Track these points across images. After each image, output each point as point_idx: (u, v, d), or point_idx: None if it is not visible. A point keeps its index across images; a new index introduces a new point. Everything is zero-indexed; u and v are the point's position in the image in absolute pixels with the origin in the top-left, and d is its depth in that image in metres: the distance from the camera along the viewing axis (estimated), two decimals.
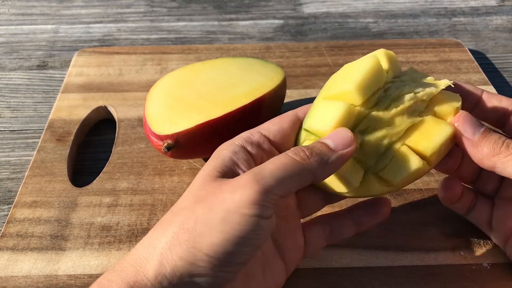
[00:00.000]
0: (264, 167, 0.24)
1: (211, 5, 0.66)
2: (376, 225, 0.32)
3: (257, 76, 0.40)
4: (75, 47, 0.58)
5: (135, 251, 0.24)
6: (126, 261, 0.24)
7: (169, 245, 0.23)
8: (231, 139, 0.28)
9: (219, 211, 0.23)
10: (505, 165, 0.27)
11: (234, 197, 0.23)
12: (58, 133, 0.43)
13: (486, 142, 0.27)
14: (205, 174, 0.26)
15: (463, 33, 0.60)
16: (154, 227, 0.25)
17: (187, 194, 0.26)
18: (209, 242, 0.23)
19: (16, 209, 0.37)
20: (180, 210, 0.25)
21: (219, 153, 0.27)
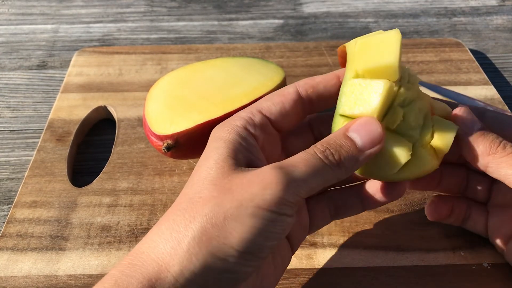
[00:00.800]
0: (294, 167, 0.23)
1: (211, 5, 0.66)
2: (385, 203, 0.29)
3: (257, 76, 0.40)
4: (75, 47, 0.57)
5: (154, 243, 0.23)
6: (144, 255, 0.23)
7: (198, 240, 0.22)
8: (228, 119, 0.26)
9: (249, 206, 0.22)
10: (499, 166, 0.26)
11: (265, 195, 0.23)
12: (58, 133, 0.43)
13: (483, 140, 0.26)
14: (221, 161, 0.24)
15: (463, 33, 0.60)
16: (171, 216, 0.23)
17: (205, 182, 0.24)
18: (241, 238, 0.22)
19: (16, 209, 0.37)
20: (201, 199, 0.23)
21: (224, 136, 0.25)
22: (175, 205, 0.24)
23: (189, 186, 0.24)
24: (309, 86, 0.28)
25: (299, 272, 0.32)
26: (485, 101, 0.46)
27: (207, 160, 0.25)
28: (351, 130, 0.25)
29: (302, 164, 0.24)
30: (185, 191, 0.24)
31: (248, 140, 0.25)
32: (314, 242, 0.34)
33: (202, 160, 0.25)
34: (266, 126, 0.27)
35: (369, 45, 0.27)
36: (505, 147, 0.26)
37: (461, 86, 0.48)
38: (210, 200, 0.23)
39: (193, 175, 0.25)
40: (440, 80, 0.49)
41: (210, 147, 0.25)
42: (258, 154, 0.26)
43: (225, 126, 0.26)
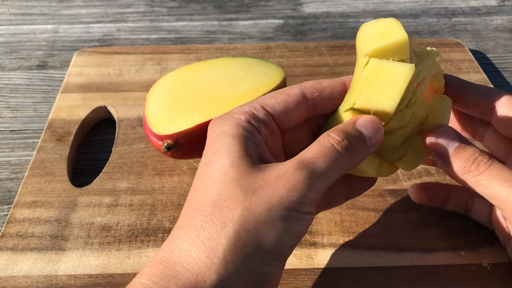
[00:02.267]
0: (315, 163, 0.24)
1: (211, 5, 0.66)
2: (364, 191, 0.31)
3: (257, 76, 0.40)
4: (75, 47, 0.57)
5: (186, 252, 0.22)
6: (178, 265, 0.22)
7: (233, 247, 0.22)
8: (229, 113, 0.26)
9: (279, 209, 0.22)
10: (475, 185, 0.26)
11: (292, 196, 0.23)
12: (58, 133, 0.43)
13: (457, 160, 0.26)
14: (237, 159, 0.24)
15: (463, 33, 0.60)
16: (197, 222, 0.23)
17: (225, 183, 0.23)
18: (274, 242, 0.22)
19: (16, 209, 0.37)
20: (227, 203, 0.23)
21: (230, 131, 0.25)
22: (196, 209, 0.23)
23: (205, 187, 0.24)
24: (316, 90, 0.28)
25: (299, 272, 0.32)
26: None
27: (220, 158, 0.24)
28: (359, 124, 0.25)
29: (321, 160, 0.24)
30: (201, 193, 0.24)
31: (255, 134, 0.25)
32: (314, 242, 0.34)
33: (211, 156, 0.24)
34: (269, 122, 0.26)
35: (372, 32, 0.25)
36: (478, 165, 0.26)
37: None
38: (237, 204, 0.22)
39: (204, 173, 0.24)
40: None
41: (219, 143, 0.25)
42: (265, 148, 0.25)
43: (227, 120, 0.25)
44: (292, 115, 0.27)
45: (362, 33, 0.26)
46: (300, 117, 0.28)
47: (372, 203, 0.37)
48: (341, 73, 0.50)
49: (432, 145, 0.27)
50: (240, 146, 0.24)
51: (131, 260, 0.33)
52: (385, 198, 0.37)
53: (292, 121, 0.27)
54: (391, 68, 0.25)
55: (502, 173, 0.26)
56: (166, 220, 0.36)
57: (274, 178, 0.23)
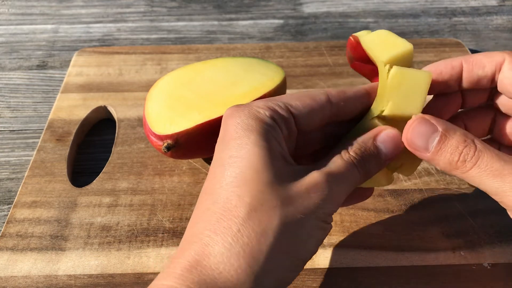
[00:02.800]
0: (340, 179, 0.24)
1: (211, 5, 0.66)
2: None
3: (257, 76, 0.40)
4: (75, 47, 0.57)
5: (225, 258, 0.21)
6: (216, 272, 0.21)
7: (273, 257, 0.22)
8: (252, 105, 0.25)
9: (314, 219, 0.23)
10: (466, 179, 0.24)
11: (325, 208, 0.24)
12: (58, 133, 0.43)
13: (441, 156, 0.24)
14: (269, 161, 0.23)
15: (463, 33, 0.60)
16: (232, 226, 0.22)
17: (259, 186, 0.22)
18: (309, 250, 0.24)
19: (16, 209, 0.37)
20: (264, 208, 0.22)
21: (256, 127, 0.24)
22: (229, 209, 0.22)
23: (235, 184, 0.23)
24: (341, 99, 0.27)
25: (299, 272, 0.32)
26: None
27: (249, 155, 0.23)
28: (379, 140, 0.26)
29: (345, 175, 0.25)
30: (232, 191, 0.22)
31: (278, 133, 0.24)
32: None
33: (236, 150, 0.23)
34: (290, 123, 0.26)
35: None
36: (465, 161, 0.24)
37: None
38: (275, 211, 0.22)
39: (230, 167, 0.23)
40: None
41: (245, 138, 0.24)
42: (286, 148, 0.25)
43: (251, 113, 0.24)
44: (314, 120, 0.26)
45: (369, 43, 0.27)
46: (320, 123, 0.27)
47: (372, 203, 0.37)
48: (341, 73, 0.50)
49: (411, 144, 0.25)
50: (268, 144, 0.23)
51: (131, 260, 0.33)
52: (385, 198, 0.37)
53: (313, 125, 0.27)
54: (413, 75, 0.26)
55: (492, 165, 0.23)
56: (166, 220, 0.36)
57: (308, 187, 0.23)
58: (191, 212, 0.37)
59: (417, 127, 0.25)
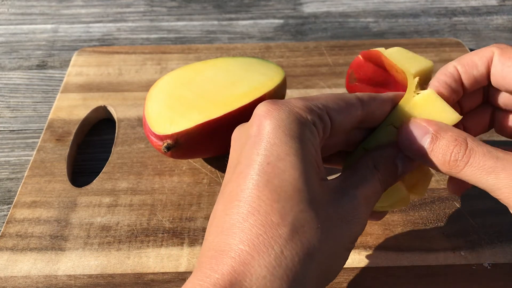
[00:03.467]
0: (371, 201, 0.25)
1: (211, 5, 0.66)
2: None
3: (257, 76, 0.40)
4: (75, 46, 0.57)
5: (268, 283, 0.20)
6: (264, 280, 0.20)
7: (316, 281, 0.21)
8: (292, 105, 0.23)
9: (348, 242, 0.24)
10: (464, 179, 0.24)
11: (357, 232, 0.24)
12: (57, 133, 0.43)
13: (434, 157, 0.24)
14: (309, 175, 0.22)
15: (463, 33, 0.60)
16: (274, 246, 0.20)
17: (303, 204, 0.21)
18: (336, 272, 0.24)
19: (15, 209, 0.37)
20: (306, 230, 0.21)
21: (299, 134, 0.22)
22: (269, 225, 0.20)
23: (275, 199, 0.21)
24: (373, 105, 0.26)
25: None
26: None
27: (292, 167, 0.21)
28: (398, 158, 0.26)
29: (376, 194, 0.25)
30: (272, 205, 0.21)
31: (316, 139, 0.23)
32: None
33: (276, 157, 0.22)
34: (327, 127, 0.24)
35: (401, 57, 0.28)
36: (456, 161, 0.24)
37: None
38: (316, 234, 0.21)
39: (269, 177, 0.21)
40: None
41: (286, 145, 0.22)
42: (320, 155, 0.24)
43: (291, 114, 0.23)
44: (346, 125, 0.25)
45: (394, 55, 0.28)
46: (350, 128, 0.26)
47: None
48: (341, 73, 0.50)
49: (406, 149, 0.25)
50: (308, 156, 0.22)
51: (131, 260, 0.33)
52: None
53: (343, 130, 0.26)
54: (443, 109, 0.26)
55: (484, 163, 0.23)
56: (166, 220, 0.36)
57: (348, 210, 0.23)
58: (191, 212, 0.36)
59: (409, 131, 0.25)
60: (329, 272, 0.23)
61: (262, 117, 0.23)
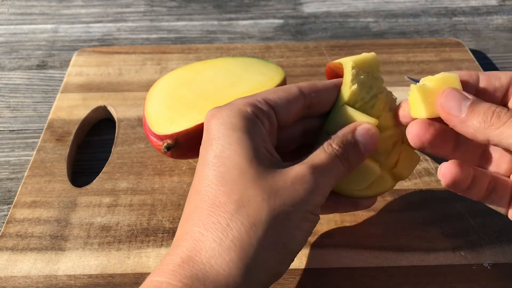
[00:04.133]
0: (325, 170, 0.25)
1: (211, 5, 0.66)
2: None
3: (257, 76, 0.40)
4: (75, 46, 0.57)
5: (216, 253, 0.22)
6: (203, 264, 0.22)
7: (264, 248, 0.22)
8: (231, 105, 0.26)
9: (301, 211, 0.24)
10: (500, 137, 0.24)
11: (310, 200, 0.24)
12: (57, 133, 0.43)
13: (475, 116, 0.25)
14: (253, 157, 0.24)
15: (463, 33, 0.60)
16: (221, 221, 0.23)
17: (246, 182, 0.23)
18: (299, 242, 0.24)
19: (15, 209, 0.37)
20: (251, 203, 0.23)
21: (239, 124, 0.25)
22: (217, 205, 0.23)
23: (223, 183, 0.23)
24: (312, 90, 0.28)
25: (299, 272, 0.32)
26: None
27: (235, 154, 0.24)
28: (357, 134, 0.27)
29: (329, 167, 0.26)
30: (221, 189, 0.23)
31: (261, 128, 0.25)
32: (315, 242, 0.34)
33: (221, 150, 0.24)
34: (271, 117, 0.27)
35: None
36: (499, 116, 0.24)
37: None
38: (262, 205, 0.23)
39: (218, 167, 0.24)
40: None
41: (229, 137, 0.24)
42: (270, 143, 0.26)
43: (233, 111, 0.25)
44: (291, 112, 0.28)
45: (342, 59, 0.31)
46: (297, 115, 0.28)
47: None
48: None
49: (444, 107, 0.25)
50: (251, 142, 0.24)
51: (131, 260, 0.33)
52: (385, 198, 0.37)
53: (290, 118, 0.28)
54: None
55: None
56: (166, 220, 0.36)
57: (293, 180, 0.24)
58: None
59: (450, 92, 0.26)
60: (287, 240, 0.23)
61: (208, 120, 0.26)
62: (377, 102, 0.29)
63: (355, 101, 0.29)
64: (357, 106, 0.29)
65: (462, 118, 0.25)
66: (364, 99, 0.29)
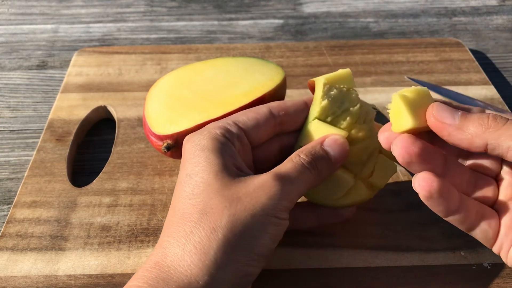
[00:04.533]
0: (289, 177, 0.27)
1: (211, 5, 0.66)
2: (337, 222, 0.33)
3: (257, 76, 0.40)
4: (75, 46, 0.57)
5: (179, 257, 0.24)
6: (172, 269, 0.24)
7: (223, 250, 0.24)
8: (204, 129, 0.29)
9: (262, 215, 0.25)
10: (498, 140, 0.24)
11: (273, 204, 0.25)
12: (57, 133, 0.43)
13: (470, 122, 0.25)
14: (218, 171, 0.26)
15: (463, 33, 0.60)
16: (186, 228, 0.25)
17: (210, 193, 0.25)
18: (260, 244, 0.25)
19: (15, 209, 0.37)
20: (214, 211, 0.25)
21: (209, 145, 0.27)
22: (185, 217, 0.25)
23: (190, 197, 0.26)
24: (281, 109, 0.31)
25: (299, 272, 0.32)
26: (485, 101, 0.46)
27: (202, 170, 0.26)
28: (325, 144, 0.29)
29: (294, 174, 0.27)
30: (188, 202, 0.26)
31: (230, 147, 0.28)
32: (314, 242, 0.34)
33: (191, 168, 0.27)
34: (241, 137, 0.29)
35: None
36: (496, 119, 0.24)
37: (461, 86, 0.48)
38: (223, 211, 0.25)
39: (186, 184, 0.26)
40: (440, 80, 0.49)
41: (198, 156, 0.27)
42: (240, 160, 0.28)
43: (204, 135, 0.28)
44: (261, 131, 0.30)
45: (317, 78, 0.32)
46: (268, 134, 0.31)
47: (372, 203, 0.37)
48: None
49: (437, 117, 0.25)
50: (219, 159, 0.27)
51: (131, 260, 0.33)
52: (385, 198, 0.37)
53: (262, 137, 0.30)
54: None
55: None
56: None
57: (255, 187, 0.26)
58: None
59: (441, 105, 0.26)
60: (249, 243, 0.25)
61: (183, 145, 0.29)
62: (349, 115, 0.31)
63: (326, 116, 0.31)
64: (328, 120, 0.31)
65: (457, 124, 0.25)
66: (335, 113, 0.31)
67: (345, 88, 0.31)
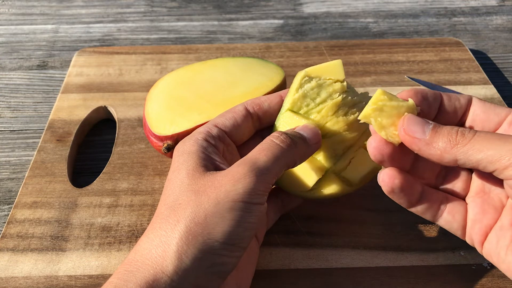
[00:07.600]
0: (257, 158, 0.27)
1: (211, 5, 0.66)
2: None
3: (257, 76, 0.40)
4: (75, 47, 0.58)
5: (146, 251, 0.25)
6: (139, 262, 0.25)
7: (185, 239, 0.24)
8: (190, 135, 0.30)
9: (225, 202, 0.25)
10: (467, 154, 0.24)
11: (237, 189, 0.25)
12: (58, 133, 0.43)
13: (439, 137, 0.25)
14: (191, 170, 0.27)
15: (463, 33, 0.60)
16: (156, 225, 0.26)
17: (181, 190, 0.26)
18: (223, 231, 0.25)
19: (16, 209, 0.37)
20: (181, 205, 0.25)
21: (188, 149, 0.28)
22: (157, 215, 0.26)
23: (165, 197, 0.27)
24: (255, 104, 0.32)
25: (299, 272, 0.32)
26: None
27: (179, 172, 0.27)
28: (297, 129, 0.30)
29: (263, 154, 0.27)
30: (163, 202, 0.27)
31: (210, 149, 0.29)
32: (314, 242, 0.34)
33: (172, 173, 0.28)
34: (223, 138, 0.30)
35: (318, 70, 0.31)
36: (463, 134, 0.25)
37: (461, 85, 0.48)
38: (189, 203, 0.25)
39: (166, 187, 0.27)
40: (440, 79, 0.49)
41: (178, 161, 0.28)
42: (221, 160, 0.29)
43: (187, 141, 0.29)
44: (241, 129, 0.31)
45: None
46: (249, 130, 0.32)
47: (372, 203, 0.37)
48: None
49: (407, 131, 0.26)
50: (195, 160, 0.27)
51: None
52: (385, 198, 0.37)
53: (243, 134, 0.31)
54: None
55: (491, 135, 0.24)
56: None
57: (220, 177, 0.26)
58: None
59: (411, 117, 0.26)
60: (211, 231, 0.24)
61: (173, 152, 0.30)
62: (326, 107, 0.30)
63: (298, 108, 0.31)
64: (301, 112, 0.31)
65: (427, 140, 0.25)
66: (309, 105, 0.31)
67: (327, 80, 0.31)
